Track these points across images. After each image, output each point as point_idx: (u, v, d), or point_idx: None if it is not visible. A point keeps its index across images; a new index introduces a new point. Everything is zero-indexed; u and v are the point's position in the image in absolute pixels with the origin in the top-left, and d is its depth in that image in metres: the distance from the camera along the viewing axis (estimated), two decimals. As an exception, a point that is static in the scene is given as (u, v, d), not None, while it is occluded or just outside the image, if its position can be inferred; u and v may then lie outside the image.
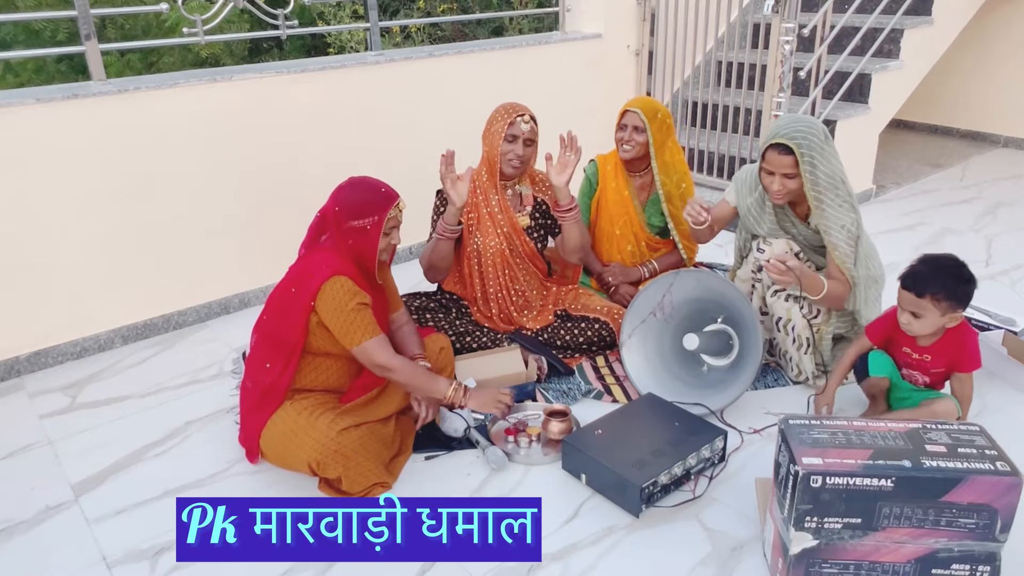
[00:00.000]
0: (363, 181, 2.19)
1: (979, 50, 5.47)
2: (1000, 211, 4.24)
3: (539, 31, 7.00)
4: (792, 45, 3.60)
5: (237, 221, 3.19)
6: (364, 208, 2.13)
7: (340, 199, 2.16)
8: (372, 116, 3.46)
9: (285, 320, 2.13)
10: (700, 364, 2.58)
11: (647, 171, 3.00)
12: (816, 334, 2.53)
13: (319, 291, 2.06)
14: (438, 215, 2.71)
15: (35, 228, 2.73)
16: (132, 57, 8.49)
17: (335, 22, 7.63)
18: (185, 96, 2.94)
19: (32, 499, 2.15)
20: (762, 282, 2.59)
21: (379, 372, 2.13)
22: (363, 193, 2.15)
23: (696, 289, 2.52)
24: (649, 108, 2.86)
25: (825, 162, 2.39)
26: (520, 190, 2.75)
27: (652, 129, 2.86)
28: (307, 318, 2.09)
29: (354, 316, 2.06)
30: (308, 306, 2.08)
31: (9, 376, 2.79)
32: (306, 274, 2.11)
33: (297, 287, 2.11)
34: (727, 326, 2.51)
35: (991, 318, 2.79)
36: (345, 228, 2.13)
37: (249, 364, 2.24)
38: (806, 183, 2.39)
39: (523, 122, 2.59)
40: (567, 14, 4.32)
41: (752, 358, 2.35)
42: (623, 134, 2.90)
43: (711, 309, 2.52)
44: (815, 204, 2.42)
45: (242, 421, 2.24)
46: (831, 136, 2.50)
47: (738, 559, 1.87)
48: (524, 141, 2.60)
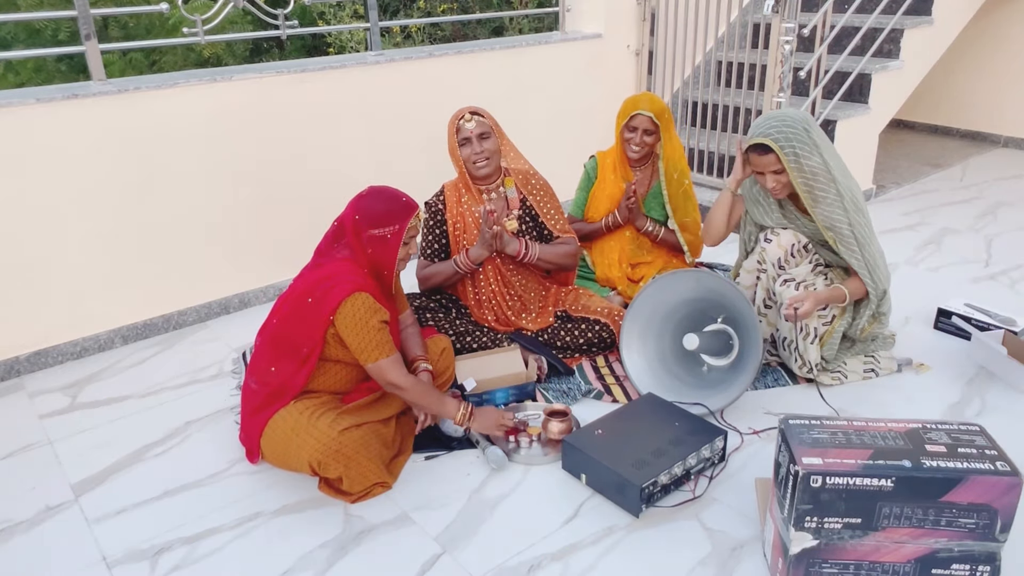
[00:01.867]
0: (384, 190, 2.19)
1: (979, 50, 5.47)
2: (1000, 211, 4.24)
3: (539, 31, 7.01)
4: (792, 45, 3.60)
5: (237, 221, 3.19)
6: (385, 217, 2.13)
7: (360, 207, 2.15)
8: (372, 116, 3.46)
9: (300, 328, 2.13)
10: (700, 364, 2.58)
11: (648, 165, 3.02)
12: (827, 328, 2.52)
13: (340, 306, 2.05)
14: (429, 231, 2.71)
15: (35, 228, 2.73)
16: (135, 56, 8.50)
17: (335, 22, 7.65)
18: (185, 96, 2.94)
19: (32, 499, 2.15)
20: (767, 272, 2.58)
21: (390, 389, 2.14)
22: (384, 202, 2.15)
23: (696, 289, 2.52)
24: (658, 109, 2.88)
25: (809, 154, 2.36)
26: (505, 192, 2.73)
27: (661, 126, 2.87)
28: (325, 330, 2.09)
29: (373, 335, 2.07)
30: (327, 320, 2.08)
31: (9, 376, 2.79)
32: (325, 286, 2.10)
33: (315, 298, 2.10)
34: (727, 326, 2.51)
35: (991, 318, 2.79)
36: (365, 237, 2.13)
37: (253, 366, 2.23)
38: (793, 177, 2.38)
39: (466, 123, 2.58)
40: (567, 14, 4.32)
41: (752, 358, 2.35)
42: (633, 136, 2.90)
43: (711, 309, 2.52)
44: (807, 197, 2.41)
45: (243, 421, 2.24)
46: (821, 131, 2.45)
47: (738, 559, 1.87)
48: (477, 138, 2.59)
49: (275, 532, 2.00)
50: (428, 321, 2.67)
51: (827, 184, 2.39)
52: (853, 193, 2.45)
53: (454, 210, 2.70)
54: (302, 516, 2.05)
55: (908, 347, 2.80)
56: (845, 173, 2.46)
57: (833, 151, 2.46)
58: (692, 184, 3.08)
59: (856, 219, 2.44)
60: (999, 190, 4.59)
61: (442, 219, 2.70)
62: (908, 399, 2.50)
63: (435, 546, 1.93)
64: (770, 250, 2.55)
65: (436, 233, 2.71)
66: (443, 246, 2.72)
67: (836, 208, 2.41)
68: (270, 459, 2.17)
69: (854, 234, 2.43)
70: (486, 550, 1.91)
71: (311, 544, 1.95)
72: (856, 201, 2.45)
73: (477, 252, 2.63)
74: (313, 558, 1.90)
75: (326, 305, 2.07)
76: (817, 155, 2.37)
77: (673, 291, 2.55)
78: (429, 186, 2.85)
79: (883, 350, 2.68)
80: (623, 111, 2.93)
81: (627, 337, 2.57)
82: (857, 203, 2.45)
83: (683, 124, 4.58)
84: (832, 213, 2.42)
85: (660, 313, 2.58)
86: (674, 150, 3.00)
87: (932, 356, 2.74)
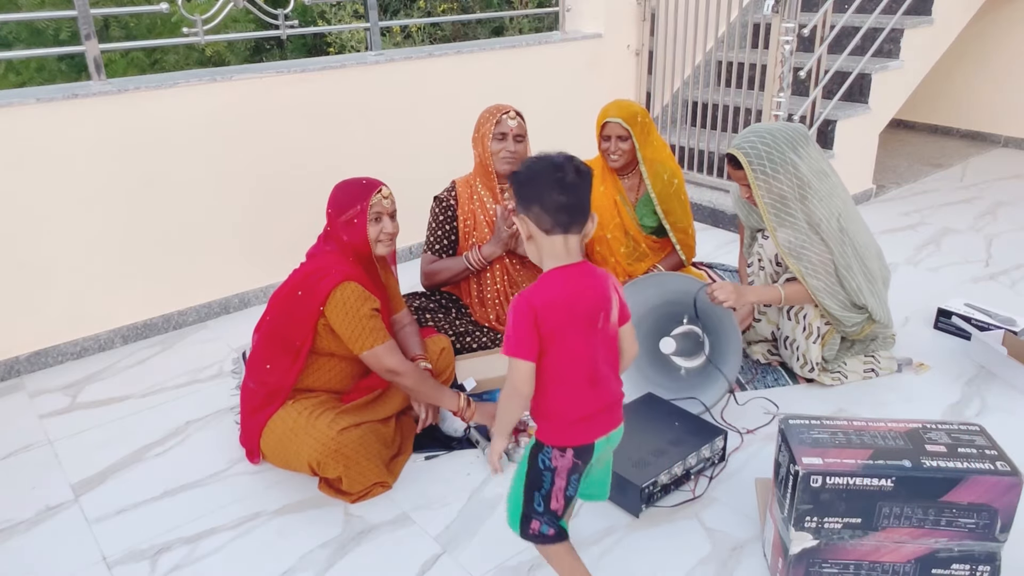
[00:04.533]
0: (347, 180, 2.23)
1: (979, 50, 5.47)
2: (1000, 211, 4.24)
3: (539, 31, 7.01)
4: (792, 45, 3.60)
5: (237, 220, 3.19)
6: (348, 201, 2.17)
7: (331, 202, 2.20)
8: (372, 116, 3.46)
9: (291, 322, 2.14)
10: (676, 368, 2.54)
11: (635, 172, 2.98)
12: (828, 327, 2.51)
13: (329, 296, 2.07)
14: (439, 225, 2.70)
15: (35, 228, 2.73)
16: (136, 56, 8.50)
17: (335, 22, 7.64)
18: (185, 96, 2.94)
19: (32, 499, 2.15)
20: (765, 271, 2.57)
21: (388, 376, 2.14)
22: (346, 188, 2.20)
23: (662, 293, 2.46)
24: (628, 114, 2.81)
25: (782, 176, 2.31)
26: None
27: (635, 133, 2.81)
28: (315, 322, 2.11)
29: (365, 322, 2.08)
30: (317, 311, 2.09)
31: (9, 376, 2.79)
32: (314, 278, 2.12)
33: (304, 290, 2.12)
34: (693, 326, 2.46)
35: (991, 318, 2.79)
36: (338, 225, 2.17)
37: (250, 365, 2.24)
38: (758, 196, 2.36)
39: (509, 119, 2.59)
40: (567, 14, 4.32)
41: (732, 347, 2.32)
42: (608, 144, 2.87)
43: (680, 312, 2.46)
44: (769, 219, 2.38)
45: (243, 421, 2.24)
46: (817, 149, 2.40)
47: (738, 559, 1.87)
48: (514, 137, 2.61)
49: (275, 532, 2.00)
50: (428, 321, 2.67)
51: (795, 211, 2.36)
52: (838, 218, 2.39)
53: (466, 206, 2.69)
54: (302, 516, 2.05)
55: (908, 347, 2.80)
56: (831, 196, 2.40)
57: (824, 170, 2.41)
58: (684, 183, 3.02)
59: (836, 248, 2.39)
60: (999, 190, 4.59)
61: (452, 214, 2.70)
62: (908, 399, 2.50)
63: (435, 546, 1.93)
64: (767, 247, 2.54)
65: (446, 228, 2.71)
66: (452, 242, 2.71)
67: (802, 235, 2.38)
68: (270, 459, 2.18)
69: (823, 261, 2.39)
70: (486, 550, 1.91)
71: (311, 544, 1.95)
72: (838, 229, 2.39)
73: (490, 249, 2.63)
74: (313, 558, 1.90)
75: (315, 296, 2.08)
76: (792, 178, 2.33)
77: (639, 301, 2.47)
78: (429, 185, 2.85)
79: (883, 350, 2.68)
80: (597, 121, 2.91)
81: None
82: (840, 231, 2.39)
83: (683, 124, 4.58)
84: (796, 238, 2.38)
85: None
86: (656, 151, 2.92)
87: (932, 356, 2.74)
